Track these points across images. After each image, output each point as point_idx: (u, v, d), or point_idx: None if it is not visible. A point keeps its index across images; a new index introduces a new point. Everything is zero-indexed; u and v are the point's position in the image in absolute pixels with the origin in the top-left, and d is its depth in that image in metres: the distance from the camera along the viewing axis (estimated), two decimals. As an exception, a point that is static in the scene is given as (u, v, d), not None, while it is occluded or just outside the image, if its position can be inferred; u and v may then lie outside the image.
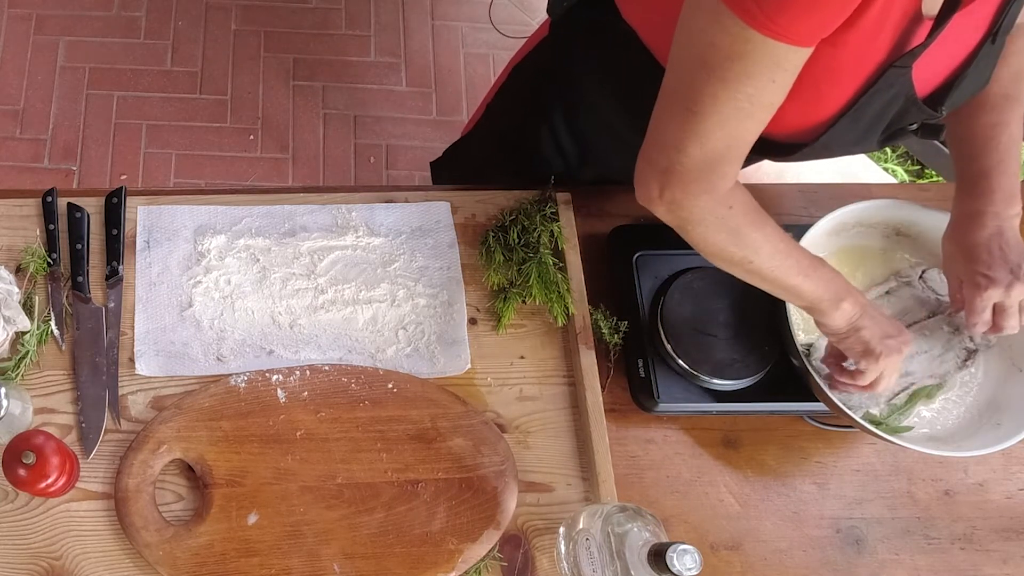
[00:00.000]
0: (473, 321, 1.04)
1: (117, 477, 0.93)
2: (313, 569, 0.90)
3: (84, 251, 1.03)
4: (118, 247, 1.04)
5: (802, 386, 0.96)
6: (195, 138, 2.18)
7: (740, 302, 1.01)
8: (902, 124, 0.81)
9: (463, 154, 1.32)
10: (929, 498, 1.00)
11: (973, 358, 0.98)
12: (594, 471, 0.95)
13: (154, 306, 1.02)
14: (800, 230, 0.96)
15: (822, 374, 0.94)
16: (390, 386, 0.98)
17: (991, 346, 0.98)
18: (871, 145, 0.86)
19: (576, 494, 0.97)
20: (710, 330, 1.00)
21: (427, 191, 1.13)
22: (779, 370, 0.99)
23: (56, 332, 1.00)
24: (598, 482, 0.94)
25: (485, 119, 1.24)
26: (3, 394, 0.88)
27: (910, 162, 2.26)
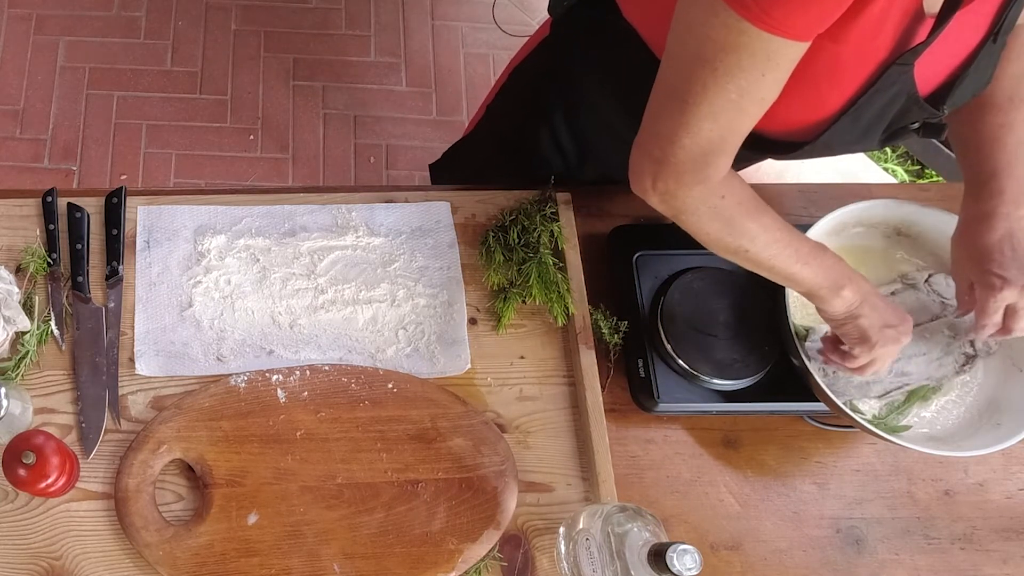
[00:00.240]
0: (473, 321, 1.04)
1: (117, 477, 0.93)
2: (313, 569, 0.90)
3: (84, 251, 1.03)
4: (118, 247, 1.04)
5: (802, 386, 0.96)
6: (195, 138, 2.18)
7: (740, 302, 1.01)
8: (903, 123, 0.81)
9: (462, 156, 1.32)
10: (929, 498, 1.00)
11: (971, 363, 0.98)
12: (594, 471, 0.95)
13: (154, 306, 1.02)
14: (800, 230, 0.96)
15: (814, 351, 0.95)
16: (390, 386, 0.98)
17: (991, 353, 0.98)
18: (872, 144, 0.85)
19: (576, 494, 0.97)
20: (710, 330, 1.00)
21: (427, 191, 1.13)
22: (779, 370, 0.99)
23: (56, 332, 1.00)
24: (598, 482, 0.94)
25: (485, 120, 1.23)
26: (3, 394, 0.88)
27: (910, 162, 2.26)
